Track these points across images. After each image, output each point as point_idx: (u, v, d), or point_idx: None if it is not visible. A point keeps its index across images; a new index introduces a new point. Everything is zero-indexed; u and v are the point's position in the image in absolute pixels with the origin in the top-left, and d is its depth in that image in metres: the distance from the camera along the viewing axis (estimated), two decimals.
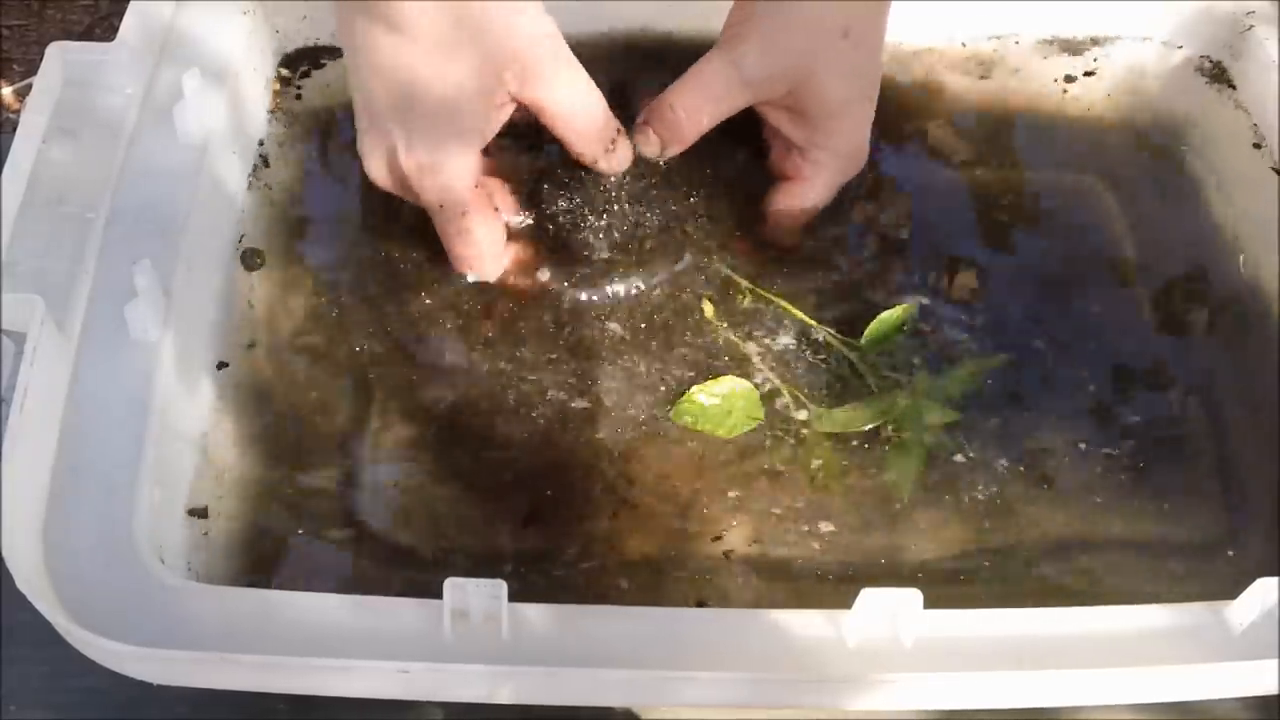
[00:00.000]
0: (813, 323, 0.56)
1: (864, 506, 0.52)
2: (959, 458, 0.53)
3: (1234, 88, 0.67)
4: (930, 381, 0.55)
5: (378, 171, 0.54)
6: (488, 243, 0.56)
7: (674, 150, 0.57)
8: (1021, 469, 0.53)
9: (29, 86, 0.65)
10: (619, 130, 0.56)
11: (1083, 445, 0.54)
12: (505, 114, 0.53)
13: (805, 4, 0.55)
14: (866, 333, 0.56)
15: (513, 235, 0.58)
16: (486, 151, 0.54)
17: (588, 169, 0.56)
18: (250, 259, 0.58)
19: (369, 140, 0.54)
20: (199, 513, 0.50)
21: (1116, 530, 0.52)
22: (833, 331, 0.56)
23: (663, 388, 0.55)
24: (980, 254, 0.60)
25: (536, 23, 0.51)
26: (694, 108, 0.56)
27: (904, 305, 0.57)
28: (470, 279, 0.57)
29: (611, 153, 0.56)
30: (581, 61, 0.53)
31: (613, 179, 0.57)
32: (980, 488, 0.53)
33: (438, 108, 0.51)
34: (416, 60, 0.50)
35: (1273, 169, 0.63)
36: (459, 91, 0.51)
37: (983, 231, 0.62)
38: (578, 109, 0.54)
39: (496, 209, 0.56)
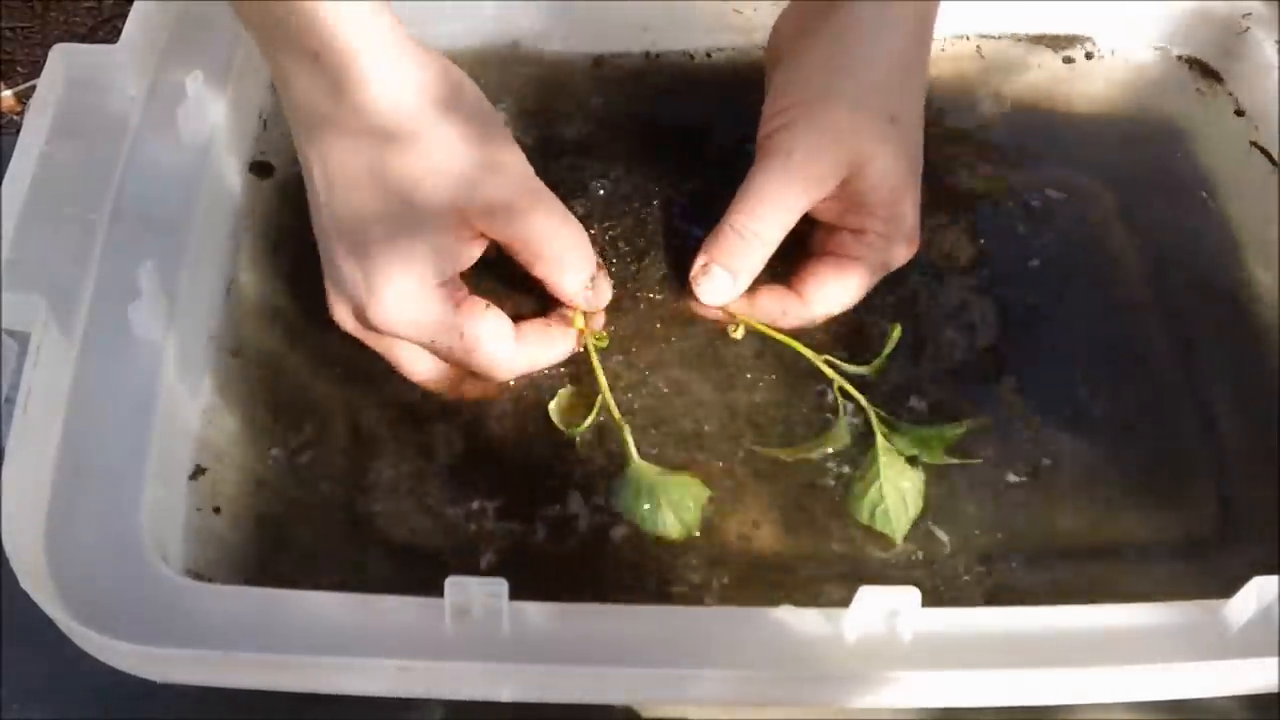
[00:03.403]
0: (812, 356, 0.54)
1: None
2: (957, 458, 0.53)
3: (1231, 90, 0.67)
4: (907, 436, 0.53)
5: (353, 326, 0.51)
6: (498, 347, 0.51)
7: (744, 283, 0.54)
8: (1018, 468, 0.53)
9: (32, 88, 0.65)
10: (599, 265, 0.53)
11: (1079, 444, 0.54)
12: (477, 249, 0.50)
13: (849, 99, 0.53)
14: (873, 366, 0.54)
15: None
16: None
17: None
18: (251, 257, 0.58)
19: (339, 302, 0.51)
20: (201, 511, 0.50)
21: (1114, 529, 0.52)
22: (831, 359, 0.54)
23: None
24: (976, 254, 0.60)
25: (504, 156, 0.49)
26: (763, 228, 0.53)
27: (894, 326, 0.55)
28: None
29: (591, 290, 0.53)
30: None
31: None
32: (978, 487, 0.53)
33: (396, 250, 0.48)
34: (370, 200, 0.47)
35: (1257, 146, 0.63)
36: (419, 233, 0.48)
37: (980, 231, 0.62)
38: (555, 247, 0.51)
39: (488, 305, 0.51)
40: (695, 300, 0.55)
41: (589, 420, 0.52)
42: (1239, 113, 0.66)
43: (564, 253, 0.51)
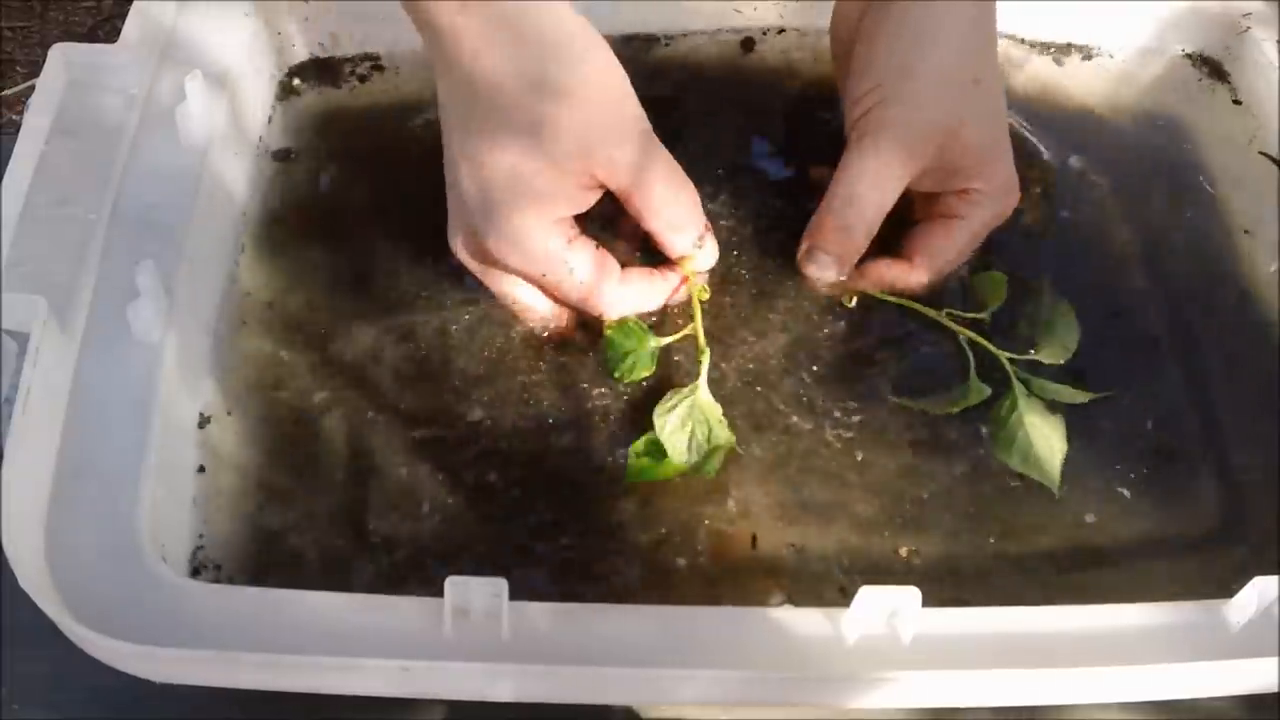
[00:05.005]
0: (933, 313, 0.56)
1: (867, 504, 0.52)
2: (950, 453, 0.53)
3: (1231, 88, 0.67)
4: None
5: (469, 253, 0.54)
6: (605, 285, 0.53)
7: (850, 264, 0.55)
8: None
9: (32, 88, 0.65)
10: (707, 226, 0.54)
11: (1078, 441, 0.54)
12: (595, 196, 0.52)
13: (932, 68, 0.54)
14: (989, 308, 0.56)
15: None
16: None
17: None
18: (252, 257, 0.58)
19: (459, 233, 0.53)
20: (201, 511, 0.50)
21: (1113, 528, 0.52)
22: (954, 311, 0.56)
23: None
24: (975, 252, 0.60)
25: (624, 111, 0.50)
26: (862, 211, 0.54)
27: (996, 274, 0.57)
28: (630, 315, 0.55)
29: (700, 249, 0.54)
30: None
31: None
32: (977, 487, 0.53)
33: (520, 184, 0.50)
34: (504, 134, 0.49)
35: (1261, 153, 0.63)
36: (543, 172, 0.49)
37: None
38: (668, 202, 0.52)
39: (599, 247, 0.53)
40: (800, 277, 0.57)
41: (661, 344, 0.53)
42: (1236, 101, 0.66)
43: (678, 211, 0.53)
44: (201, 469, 0.51)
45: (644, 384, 0.54)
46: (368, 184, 0.62)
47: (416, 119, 0.65)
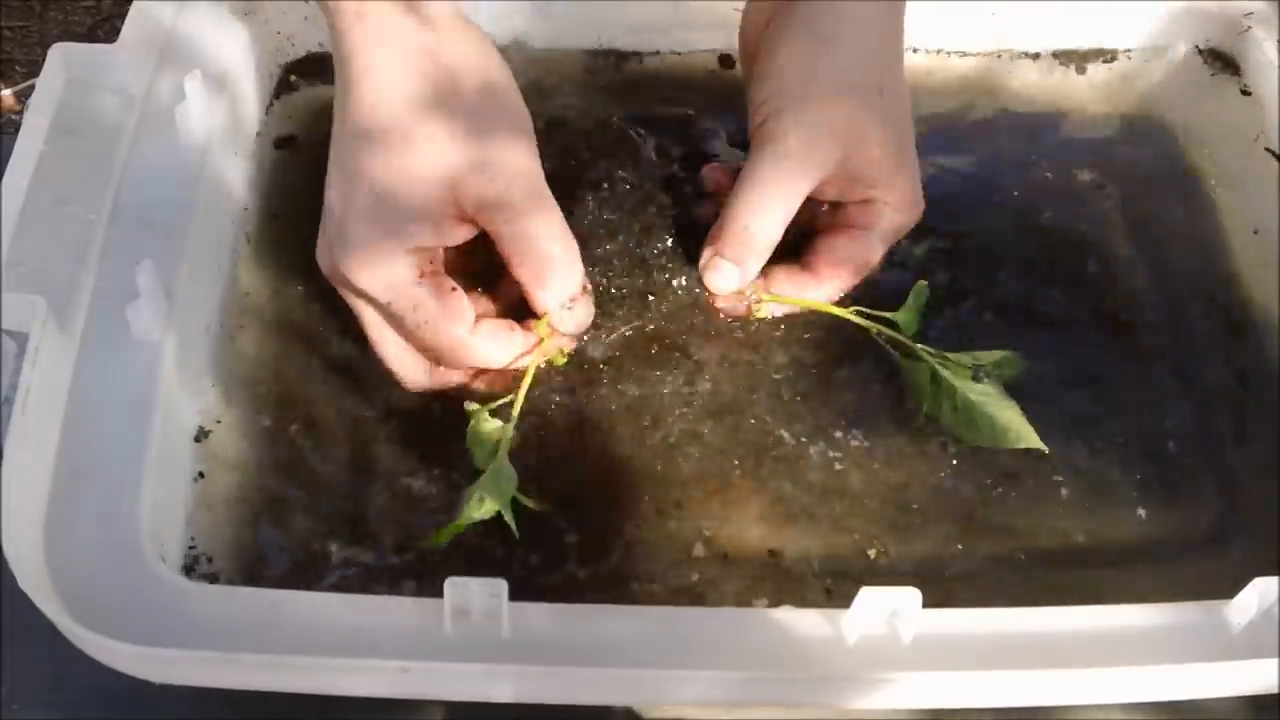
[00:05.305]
0: (847, 314, 0.54)
1: (866, 505, 0.52)
2: (955, 458, 0.53)
3: (1232, 87, 0.67)
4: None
5: (326, 266, 0.51)
6: (449, 330, 0.50)
7: (752, 273, 0.54)
8: (1018, 469, 0.53)
9: (31, 87, 0.65)
10: (585, 287, 0.52)
11: (1079, 443, 0.54)
12: (464, 232, 0.50)
13: (836, 76, 0.53)
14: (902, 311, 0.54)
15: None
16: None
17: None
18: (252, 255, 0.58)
19: (321, 245, 0.51)
20: (200, 511, 0.50)
21: (1114, 529, 0.52)
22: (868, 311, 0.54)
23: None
24: (977, 251, 0.60)
25: (508, 146, 0.48)
26: (765, 218, 0.52)
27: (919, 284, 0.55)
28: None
29: (568, 311, 0.51)
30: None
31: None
32: (978, 488, 0.53)
33: (380, 212, 0.48)
34: (366, 168, 0.48)
35: (1266, 149, 0.63)
36: (404, 200, 0.48)
37: (981, 230, 0.62)
38: (540, 254, 0.49)
39: (455, 288, 0.50)
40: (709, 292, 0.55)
41: (495, 447, 0.49)
42: (1243, 93, 0.66)
43: (549, 263, 0.50)
44: (201, 470, 0.51)
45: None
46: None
47: None
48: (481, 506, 0.47)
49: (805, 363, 0.56)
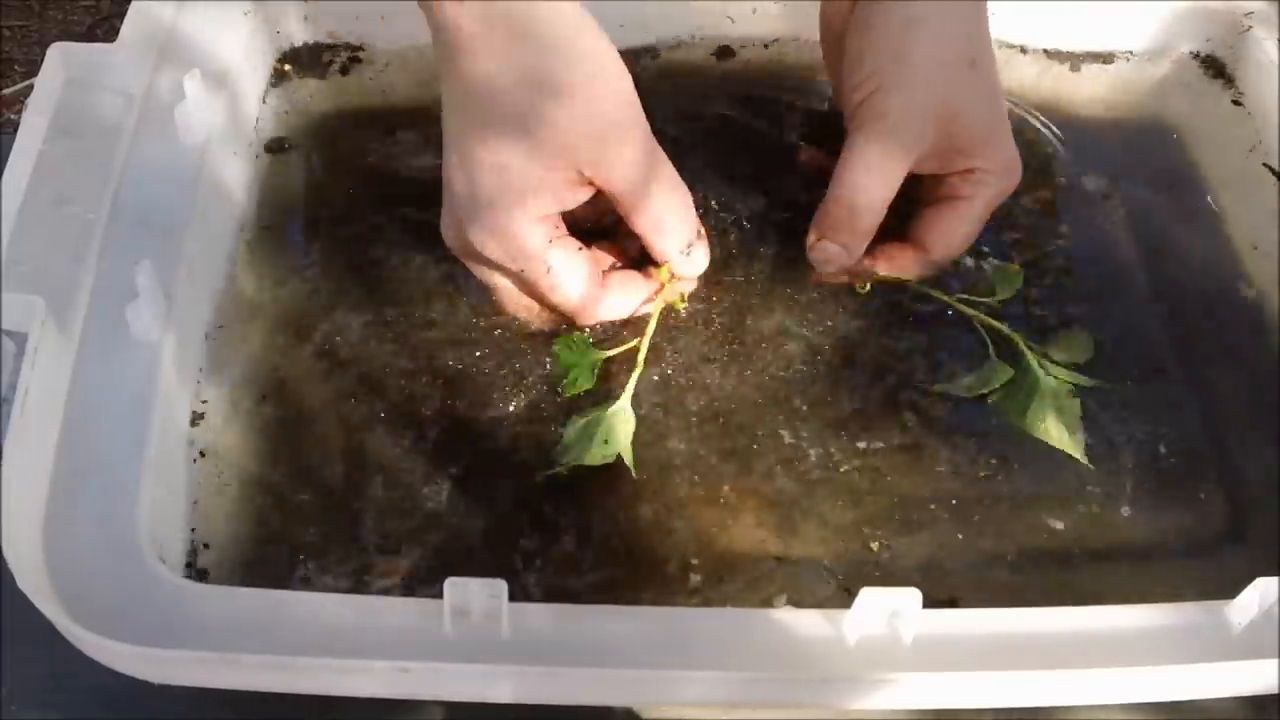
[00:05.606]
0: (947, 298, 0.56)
1: (868, 505, 0.52)
2: (955, 457, 0.53)
3: (1233, 88, 0.67)
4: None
5: (454, 242, 0.53)
6: (580, 288, 0.52)
7: (858, 252, 0.55)
8: (1019, 470, 0.53)
9: (30, 87, 0.65)
10: (700, 233, 0.54)
11: (1084, 445, 0.54)
12: (583, 194, 0.51)
13: (927, 53, 0.54)
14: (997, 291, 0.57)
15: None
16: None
17: None
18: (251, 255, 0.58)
19: (447, 223, 0.53)
20: (199, 512, 0.50)
21: (1116, 530, 0.52)
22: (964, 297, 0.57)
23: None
24: (977, 253, 0.60)
25: (618, 111, 0.50)
26: (867, 198, 0.54)
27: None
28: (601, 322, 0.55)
29: (687, 256, 0.53)
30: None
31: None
32: (978, 488, 0.53)
33: (504, 186, 0.50)
34: (488, 144, 0.49)
35: (1264, 165, 0.63)
36: (529, 166, 0.49)
37: (982, 230, 0.61)
38: (657, 204, 0.52)
39: (581, 248, 0.53)
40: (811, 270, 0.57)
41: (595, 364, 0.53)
42: (1235, 103, 0.66)
43: (667, 213, 0.52)
44: (200, 470, 0.51)
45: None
46: (366, 182, 0.62)
47: (415, 117, 0.64)
48: (605, 448, 0.51)
49: (808, 361, 0.56)
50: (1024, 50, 0.69)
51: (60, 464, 0.46)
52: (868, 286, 0.57)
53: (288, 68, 0.66)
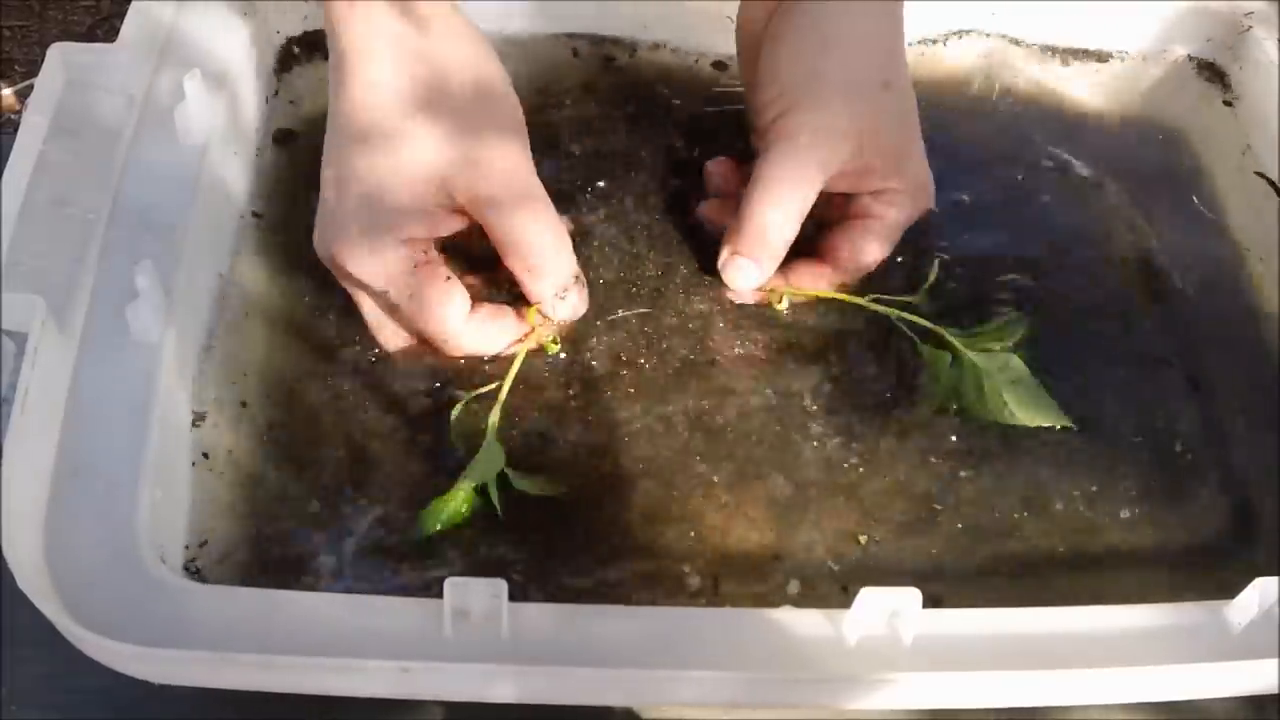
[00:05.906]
0: (862, 301, 0.55)
1: (867, 504, 0.52)
2: (955, 456, 0.53)
3: (1232, 88, 0.67)
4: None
5: (323, 255, 0.52)
6: (443, 318, 0.51)
7: (770, 269, 0.55)
8: (1018, 469, 0.53)
9: (30, 87, 0.65)
10: (578, 278, 0.53)
11: (1081, 444, 0.54)
12: (456, 223, 0.51)
13: (841, 72, 0.54)
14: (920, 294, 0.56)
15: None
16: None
17: None
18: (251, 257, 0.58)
19: (317, 236, 0.52)
20: (199, 512, 0.50)
21: (1116, 529, 0.52)
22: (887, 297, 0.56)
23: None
24: (977, 255, 0.60)
25: (498, 138, 0.49)
26: (781, 214, 0.53)
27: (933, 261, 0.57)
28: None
29: (561, 300, 0.52)
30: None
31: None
32: (979, 489, 0.53)
33: (372, 205, 0.49)
34: (359, 160, 0.49)
35: (1257, 174, 0.63)
36: (393, 194, 0.49)
37: (981, 231, 0.62)
38: (532, 243, 0.50)
39: (449, 277, 0.51)
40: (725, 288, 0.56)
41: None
42: (1227, 104, 0.66)
43: (540, 254, 0.51)
44: (201, 470, 0.51)
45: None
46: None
47: None
48: (468, 486, 0.49)
49: (805, 360, 0.56)
50: (1026, 53, 0.69)
51: (60, 464, 0.46)
52: (783, 302, 0.56)
53: (287, 67, 0.66)
